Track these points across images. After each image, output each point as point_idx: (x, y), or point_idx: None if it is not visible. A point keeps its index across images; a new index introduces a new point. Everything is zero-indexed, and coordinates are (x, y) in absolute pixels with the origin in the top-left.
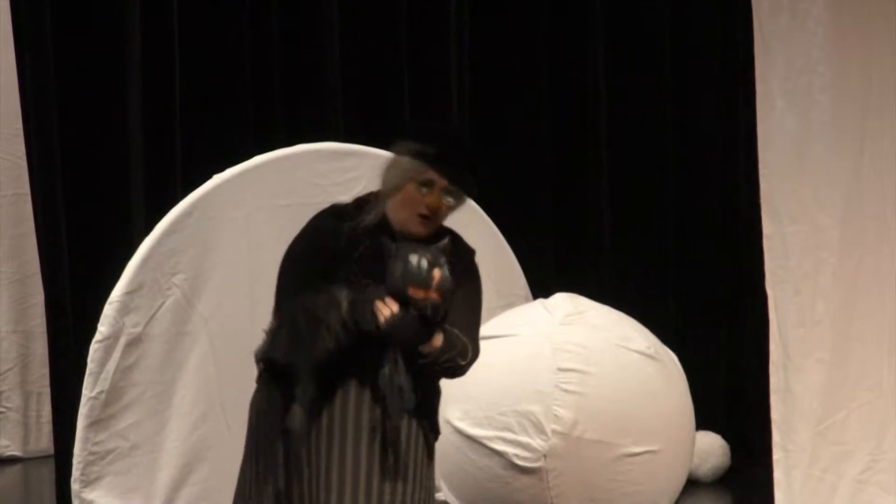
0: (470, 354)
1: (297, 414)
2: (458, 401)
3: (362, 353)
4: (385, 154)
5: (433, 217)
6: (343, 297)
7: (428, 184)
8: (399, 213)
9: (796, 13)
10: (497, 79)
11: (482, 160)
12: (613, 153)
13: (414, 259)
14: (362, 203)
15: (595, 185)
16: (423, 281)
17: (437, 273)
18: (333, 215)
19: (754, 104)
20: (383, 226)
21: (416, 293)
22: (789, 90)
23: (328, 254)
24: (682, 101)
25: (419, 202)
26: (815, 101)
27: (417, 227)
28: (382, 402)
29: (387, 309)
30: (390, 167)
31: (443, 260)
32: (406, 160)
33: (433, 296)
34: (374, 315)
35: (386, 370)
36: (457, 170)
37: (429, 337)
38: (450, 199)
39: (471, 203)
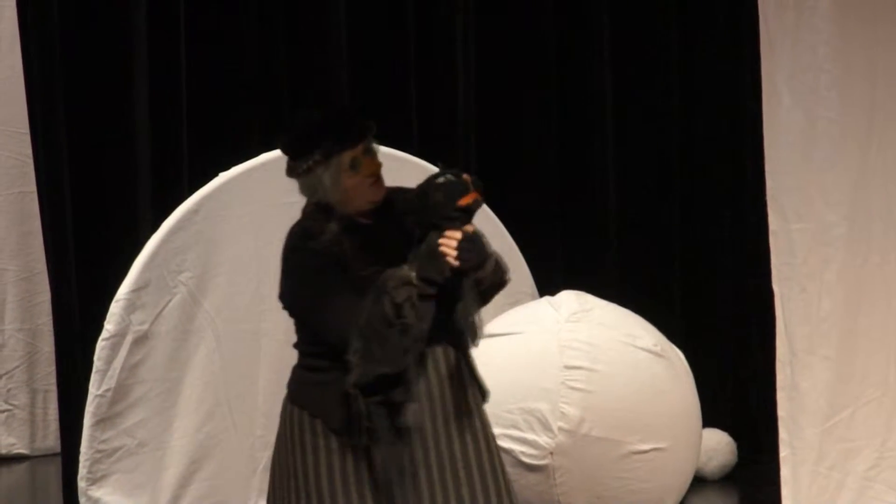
0: (507, 267)
1: (414, 409)
2: None
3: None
4: (388, 150)
5: (379, 178)
6: (403, 271)
7: (354, 161)
8: (354, 201)
9: (802, 10)
10: (504, 78)
11: (488, 159)
12: (619, 150)
13: (442, 179)
14: (315, 220)
15: (601, 182)
16: (465, 187)
17: (466, 176)
18: (305, 237)
19: (760, 101)
20: (348, 225)
21: (465, 200)
22: (795, 87)
23: (334, 264)
24: (688, 99)
25: (362, 178)
26: (822, 98)
27: (376, 195)
28: (458, 339)
29: (451, 242)
30: (315, 182)
31: (457, 169)
32: (325, 166)
33: (478, 196)
34: (443, 258)
35: (462, 304)
36: (357, 128)
37: (487, 254)
38: (375, 154)
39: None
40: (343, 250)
